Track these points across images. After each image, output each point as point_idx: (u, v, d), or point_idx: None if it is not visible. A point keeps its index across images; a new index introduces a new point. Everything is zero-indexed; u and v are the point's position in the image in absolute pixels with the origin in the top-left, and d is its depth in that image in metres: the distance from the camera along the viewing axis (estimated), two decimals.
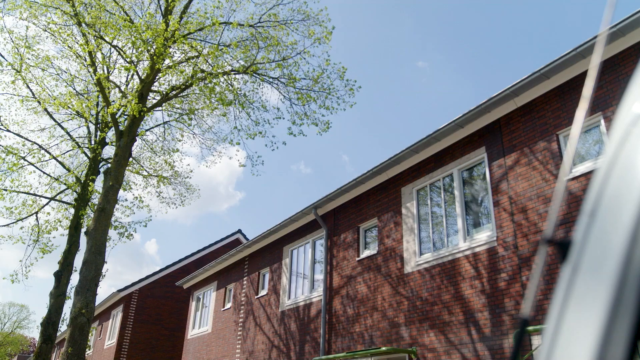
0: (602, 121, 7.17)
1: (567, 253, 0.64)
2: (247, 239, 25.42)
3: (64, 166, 17.11)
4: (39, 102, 15.59)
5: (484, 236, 8.57)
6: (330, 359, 10.90)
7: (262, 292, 15.05)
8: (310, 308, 12.56)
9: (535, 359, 7.08)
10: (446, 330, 8.64)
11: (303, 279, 13.50)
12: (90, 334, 10.78)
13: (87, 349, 10.42)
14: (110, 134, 16.62)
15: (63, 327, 16.28)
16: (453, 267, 8.89)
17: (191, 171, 18.32)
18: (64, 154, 17.84)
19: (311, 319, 12.39)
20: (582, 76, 7.61)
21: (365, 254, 11.25)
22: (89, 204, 16.28)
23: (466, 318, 8.35)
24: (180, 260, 25.50)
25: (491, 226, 8.53)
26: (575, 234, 0.58)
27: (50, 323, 15.58)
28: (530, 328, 6.88)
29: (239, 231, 26.35)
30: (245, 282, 16.20)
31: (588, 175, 7.13)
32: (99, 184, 16.59)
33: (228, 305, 17.00)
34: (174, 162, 17.53)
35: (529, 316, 0.56)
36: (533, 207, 7.77)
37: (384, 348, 9.22)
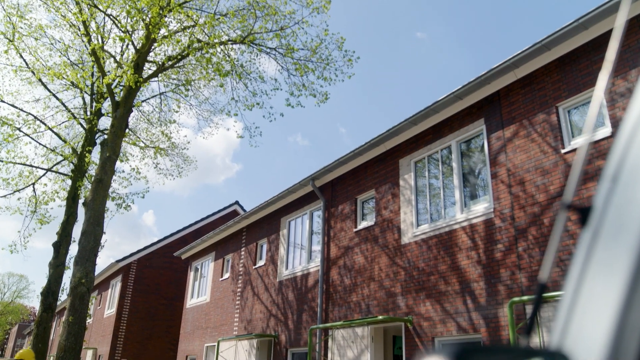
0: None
1: (587, 218, 0.64)
2: (244, 211, 25.53)
3: (59, 137, 17.02)
4: (32, 72, 15.40)
5: (481, 208, 8.63)
6: (327, 327, 11.09)
7: (260, 263, 15.20)
8: (307, 278, 12.72)
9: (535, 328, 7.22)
10: (442, 299, 8.78)
11: (300, 250, 13.62)
12: (90, 303, 10.91)
13: (87, 318, 10.56)
14: (106, 105, 16.47)
15: (63, 297, 16.47)
16: (450, 238, 8.98)
17: (188, 142, 18.26)
18: (59, 125, 17.73)
19: (309, 288, 12.55)
20: (583, 48, 7.55)
21: (362, 225, 11.33)
22: (86, 175, 16.26)
23: (462, 288, 8.48)
24: (178, 232, 25.64)
25: (488, 198, 8.58)
26: (596, 199, 0.59)
27: (50, 292, 15.74)
28: (525, 298, 7.00)
29: (237, 202, 26.42)
30: (243, 253, 16.35)
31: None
32: (95, 156, 16.56)
33: (226, 276, 17.19)
34: (170, 133, 17.46)
35: (547, 281, 0.57)
36: (531, 179, 7.81)
37: (380, 317, 9.39)
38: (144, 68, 13.13)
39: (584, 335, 0.49)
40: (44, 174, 17.35)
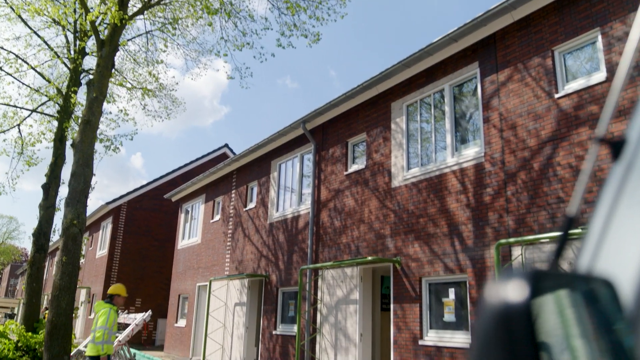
0: (600, 37, 7.05)
1: (620, 152, 0.64)
2: (234, 154, 25.44)
3: (43, 77, 16.57)
4: (12, 7, 14.76)
5: (471, 152, 8.68)
6: (317, 267, 11.36)
7: (251, 205, 15.33)
8: (298, 220, 12.89)
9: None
10: (430, 241, 8.98)
11: (291, 193, 13.72)
12: (82, 244, 11.01)
13: (80, 258, 10.69)
14: (90, 44, 15.95)
15: (55, 238, 16.58)
16: (440, 182, 9.07)
17: (176, 84, 17.90)
18: (42, 64, 17.21)
19: (299, 230, 12.75)
20: None
21: (353, 168, 11.38)
22: (73, 116, 15.97)
23: (450, 230, 8.66)
24: (167, 174, 25.60)
25: (479, 142, 8.62)
26: (630, 132, 0.58)
27: (41, 234, 15.83)
28: (512, 239, 7.18)
29: (226, 145, 26.29)
30: (233, 195, 16.44)
31: (581, 92, 7.12)
32: (81, 96, 16.18)
33: (217, 218, 17.35)
34: (158, 74, 17.05)
35: (575, 215, 0.57)
36: (522, 124, 7.83)
37: (369, 258, 9.62)
38: (129, 5, 12.62)
39: (617, 262, 0.50)
40: (28, 115, 17.03)
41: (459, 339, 8.16)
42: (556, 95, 7.41)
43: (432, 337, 8.66)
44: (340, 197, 11.49)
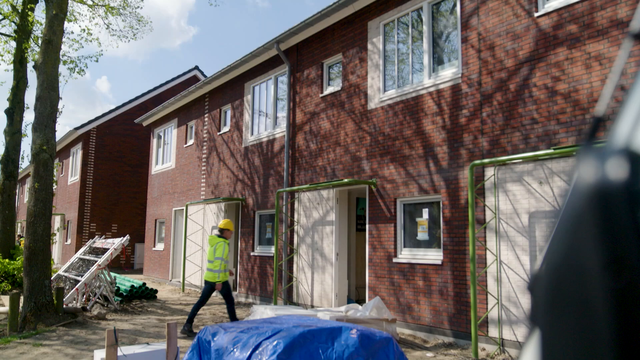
0: None
1: None
2: (205, 76, 24.72)
3: None
4: None
5: (449, 73, 8.61)
6: (294, 190, 11.48)
7: (225, 129, 15.13)
8: (273, 144, 12.83)
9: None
10: (406, 163, 9.10)
11: (266, 116, 13.55)
12: (54, 170, 10.81)
13: (53, 185, 10.53)
14: None
15: (24, 165, 16.22)
16: (416, 103, 9.05)
17: (142, 0, 16.89)
18: None
19: (274, 154, 12.73)
20: None
21: (328, 90, 11.22)
22: (32, 36, 15.09)
23: (425, 152, 8.77)
24: (137, 98, 24.86)
25: (457, 63, 8.53)
26: None
27: (9, 160, 15.45)
28: (486, 160, 7.32)
29: (196, 68, 25.46)
30: (206, 119, 16.15)
31: (560, 11, 7.01)
32: (39, 14, 15.21)
33: (190, 142, 17.14)
34: None
35: (604, 115, 0.56)
36: (501, 44, 7.74)
37: (345, 180, 9.74)
38: None
39: None
40: None
41: (432, 256, 8.51)
42: (536, 14, 7.29)
43: (405, 255, 9.01)
44: (315, 119, 11.41)
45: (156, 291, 13.29)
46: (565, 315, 0.50)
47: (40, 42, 11.80)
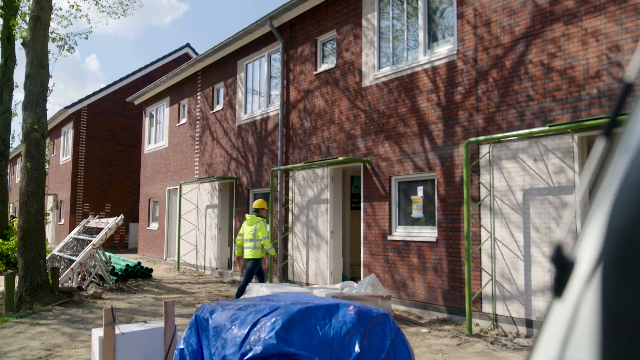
0: None
1: None
2: (197, 54, 24.40)
3: None
4: None
5: (444, 50, 8.54)
6: (288, 169, 11.46)
7: (218, 107, 15.00)
8: (267, 122, 12.74)
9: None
10: (400, 141, 9.08)
11: (259, 94, 13.42)
12: (46, 149, 10.70)
13: (45, 164, 10.44)
14: None
15: (15, 144, 16.05)
16: (411, 81, 8.99)
17: None
18: None
19: (268, 132, 12.65)
20: None
21: (323, 67, 11.11)
22: (19, 13, 14.78)
23: (420, 130, 8.74)
24: (127, 76, 24.54)
25: (452, 40, 8.45)
26: None
27: (0, 140, 15.27)
28: (481, 138, 7.31)
29: (188, 45, 25.11)
30: (199, 97, 16.00)
31: None
32: None
33: (183, 121, 17.00)
34: None
35: (634, 80, 0.54)
36: (497, 20, 7.66)
37: (340, 158, 9.71)
38: None
39: None
40: None
41: (426, 234, 8.56)
42: None
43: (400, 233, 9.05)
44: (310, 97, 11.32)
45: (151, 270, 13.32)
46: (636, 280, 0.48)
47: (28, 18, 11.56)
